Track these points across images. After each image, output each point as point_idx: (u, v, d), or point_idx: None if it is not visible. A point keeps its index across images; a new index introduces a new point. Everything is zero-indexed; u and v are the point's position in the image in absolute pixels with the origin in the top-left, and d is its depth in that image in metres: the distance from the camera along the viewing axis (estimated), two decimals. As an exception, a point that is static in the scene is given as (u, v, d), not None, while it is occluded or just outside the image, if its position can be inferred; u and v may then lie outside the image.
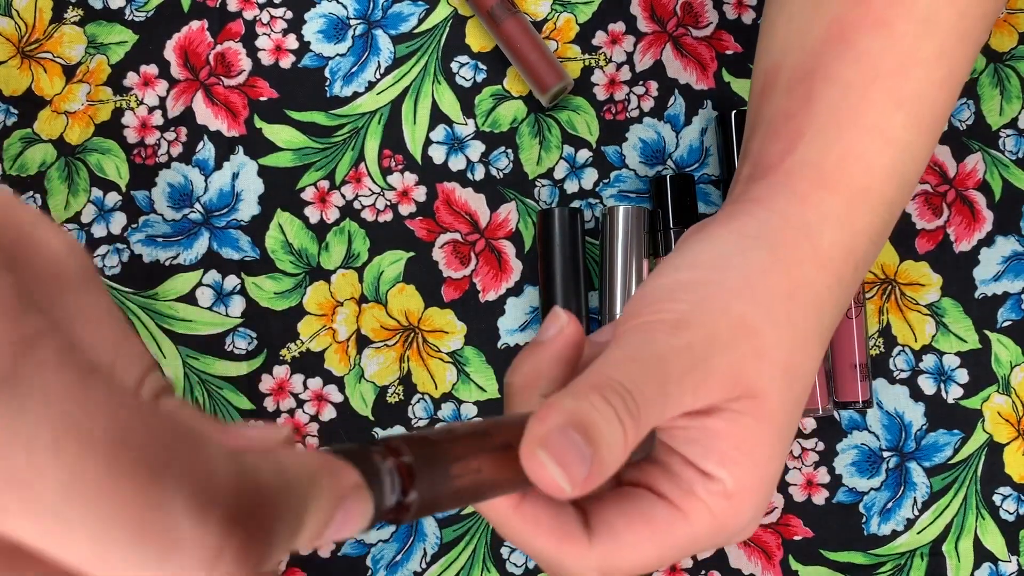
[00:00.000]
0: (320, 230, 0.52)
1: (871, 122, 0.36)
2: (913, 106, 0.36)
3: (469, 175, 0.53)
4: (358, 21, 0.53)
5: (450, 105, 0.53)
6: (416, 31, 0.53)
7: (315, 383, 0.52)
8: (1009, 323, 0.52)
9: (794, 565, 0.51)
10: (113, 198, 0.52)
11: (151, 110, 0.53)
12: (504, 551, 0.51)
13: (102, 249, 0.52)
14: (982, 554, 0.51)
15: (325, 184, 0.52)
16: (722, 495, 0.32)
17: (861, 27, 0.36)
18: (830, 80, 0.36)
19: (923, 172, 0.40)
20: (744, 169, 0.38)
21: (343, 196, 0.52)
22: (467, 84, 0.53)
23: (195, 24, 0.53)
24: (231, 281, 0.52)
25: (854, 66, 0.36)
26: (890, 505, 0.51)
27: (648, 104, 0.53)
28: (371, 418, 0.51)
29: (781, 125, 0.37)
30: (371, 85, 0.53)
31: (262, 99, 0.53)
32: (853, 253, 0.36)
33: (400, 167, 0.53)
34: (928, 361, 0.52)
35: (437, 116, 0.53)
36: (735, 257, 0.34)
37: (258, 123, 0.53)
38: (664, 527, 0.32)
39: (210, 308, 0.52)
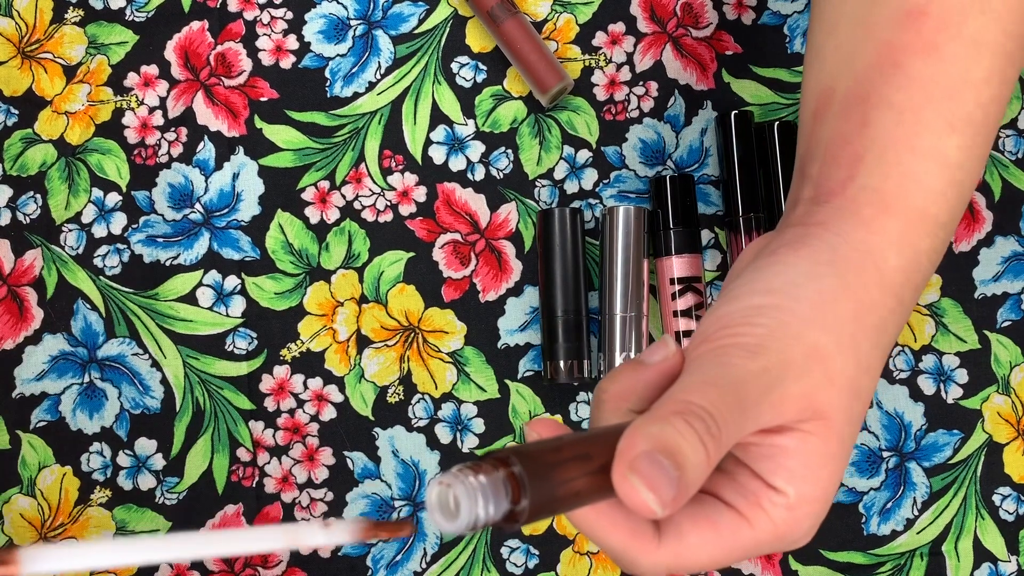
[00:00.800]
0: (320, 230, 0.52)
1: (927, 145, 0.37)
2: (965, 128, 0.37)
3: (469, 175, 0.53)
4: (358, 21, 0.53)
5: (450, 105, 0.53)
6: (416, 31, 0.53)
7: (315, 383, 0.52)
8: (1008, 323, 0.52)
9: (794, 565, 0.51)
10: (114, 198, 0.52)
11: (151, 110, 0.53)
12: (504, 551, 0.51)
13: (102, 249, 0.52)
14: (982, 554, 0.51)
15: (325, 184, 0.52)
16: (785, 507, 0.34)
17: (912, 51, 0.37)
18: (884, 105, 0.37)
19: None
20: (804, 191, 0.39)
21: (343, 196, 0.52)
22: (467, 84, 0.53)
23: (195, 24, 0.53)
24: (231, 281, 0.52)
25: (907, 90, 0.37)
26: (890, 505, 0.51)
27: (648, 104, 0.53)
28: (371, 418, 0.52)
29: (839, 149, 0.38)
30: (371, 85, 0.53)
31: (262, 99, 0.53)
32: (913, 275, 0.37)
33: (400, 167, 0.53)
34: (928, 361, 0.52)
35: (437, 116, 0.53)
36: (808, 284, 0.35)
37: (258, 123, 0.53)
38: (729, 532, 0.34)
39: (210, 308, 0.52)
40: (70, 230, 0.52)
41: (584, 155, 0.53)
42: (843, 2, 0.39)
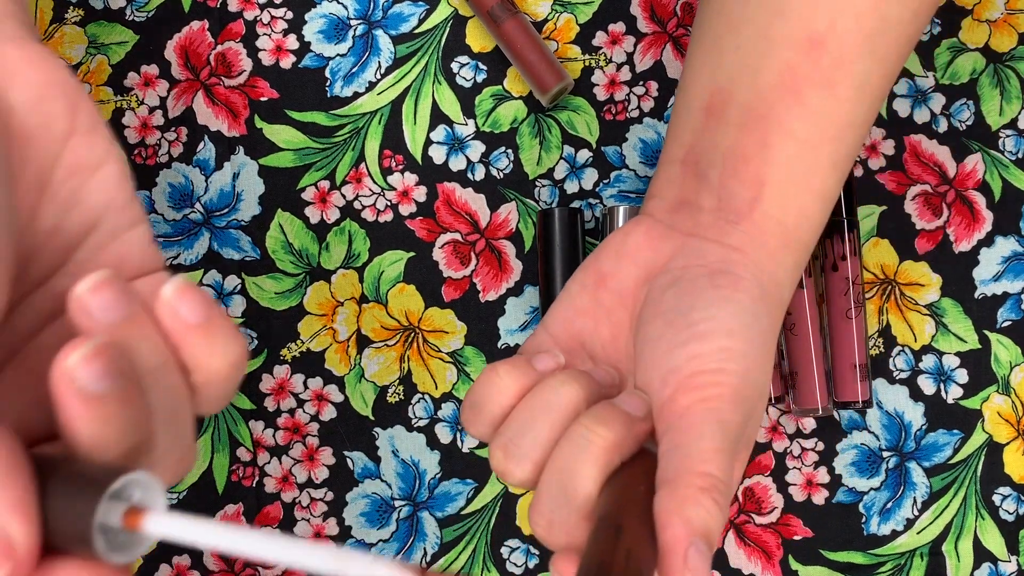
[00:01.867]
0: (320, 230, 0.52)
1: (818, 184, 0.39)
2: (844, 167, 0.40)
3: (469, 175, 0.53)
4: (358, 21, 0.53)
5: (450, 105, 0.53)
6: (416, 31, 0.53)
7: (315, 383, 0.52)
8: (1009, 323, 0.52)
9: (794, 565, 0.51)
10: (114, 198, 0.52)
11: (152, 110, 0.53)
12: (504, 551, 0.51)
13: (103, 249, 0.52)
14: (982, 554, 0.51)
15: (325, 184, 0.52)
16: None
17: (812, 83, 0.39)
18: (785, 132, 0.39)
19: None
20: (705, 198, 0.40)
21: (343, 196, 0.52)
22: (467, 84, 0.53)
23: (196, 24, 0.53)
24: (231, 281, 0.52)
25: (806, 123, 0.39)
26: (890, 505, 0.51)
27: (648, 104, 0.53)
28: (371, 418, 0.52)
29: (742, 165, 0.39)
30: (371, 85, 0.53)
31: (263, 99, 0.53)
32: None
33: (400, 167, 0.53)
34: (928, 361, 0.52)
35: (437, 116, 0.53)
36: (754, 326, 0.37)
37: (259, 123, 0.53)
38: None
39: (210, 308, 0.52)
40: (70, 230, 0.52)
41: (584, 155, 0.53)
42: (745, 5, 0.40)
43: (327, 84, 0.53)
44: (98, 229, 0.31)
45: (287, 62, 0.53)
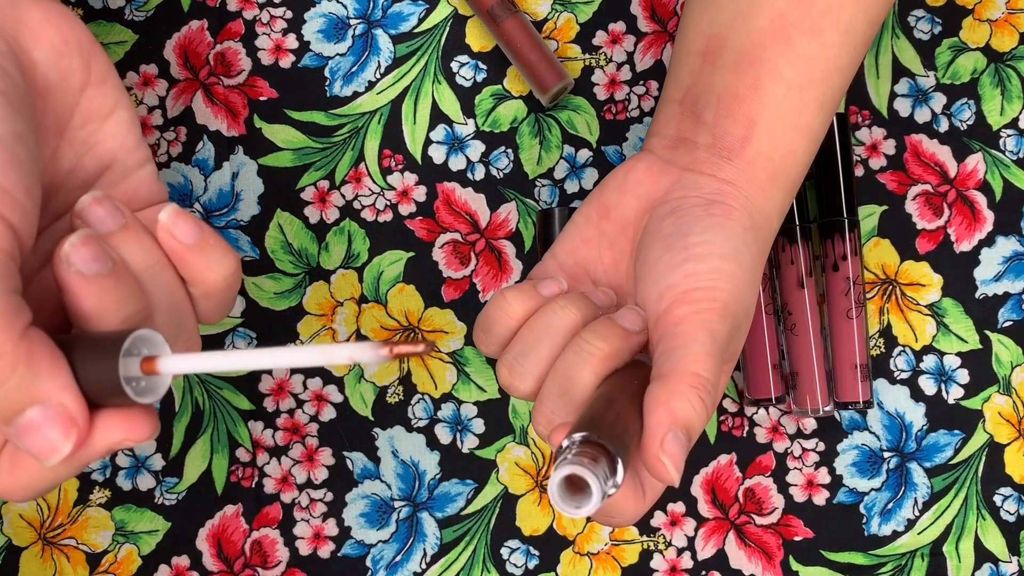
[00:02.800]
0: (320, 230, 0.52)
1: (804, 124, 0.43)
2: (829, 108, 0.43)
3: (469, 175, 0.53)
4: (358, 21, 0.53)
5: (450, 105, 0.53)
6: (416, 31, 0.53)
7: (315, 383, 0.52)
8: (1010, 323, 0.52)
9: (795, 566, 0.51)
10: (113, 198, 0.52)
11: (151, 110, 0.53)
12: (504, 552, 0.51)
13: (101, 249, 0.52)
14: (983, 555, 0.51)
15: (325, 184, 0.52)
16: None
17: (801, 29, 0.42)
18: (775, 76, 0.42)
19: None
20: (701, 135, 0.43)
21: (343, 196, 0.52)
22: (467, 84, 0.53)
23: (195, 24, 0.53)
24: (231, 281, 0.52)
25: (794, 67, 0.42)
26: (891, 505, 0.51)
27: (649, 104, 0.53)
28: (371, 418, 0.51)
29: (735, 105, 0.42)
30: (371, 85, 0.53)
31: (262, 99, 0.53)
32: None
33: (400, 167, 0.52)
34: (929, 361, 0.52)
35: (437, 116, 0.53)
36: (745, 251, 0.41)
37: (258, 123, 0.53)
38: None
39: (210, 308, 0.52)
40: (69, 230, 0.52)
41: (584, 155, 0.53)
42: None
43: (326, 84, 0.53)
44: (111, 169, 0.36)
45: (286, 61, 0.53)
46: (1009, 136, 0.53)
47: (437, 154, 0.53)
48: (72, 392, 0.30)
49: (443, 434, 0.52)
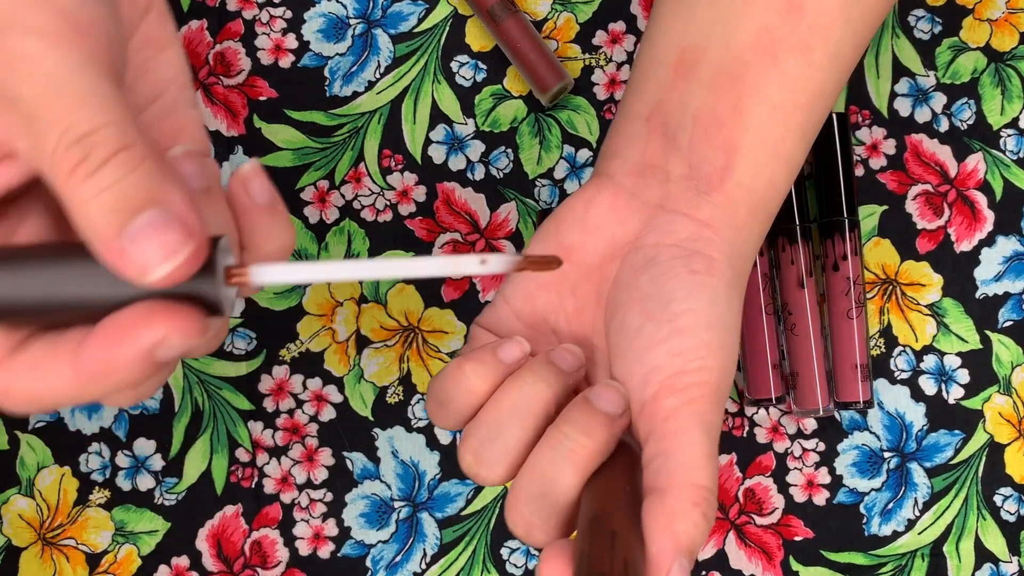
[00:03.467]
0: (319, 230, 0.52)
1: (787, 151, 0.39)
2: (811, 136, 0.40)
3: (469, 175, 0.53)
4: (358, 20, 0.53)
5: (450, 104, 0.53)
6: (416, 30, 0.53)
7: (314, 383, 0.52)
8: (1010, 323, 0.52)
9: (795, 566, 0.51)
10: (112, 198, 0.52)
11: (150, 110, 0.52)
12: (504, 552, 0.51)
13: (101, 249, 0.52)
14: (983, 555, 0.51)
15: (324, 184, 0.52)
16: None
17: (787, 47, 0.38)
18: (759, 97, 0.38)
19: None
20: (675, 164, 0.39)
21: (343, 196, 0.52)
22: (467, 84, 0.53)
23: (194, 23, 0.53)
24: (230, 281, 0.52)
25: (779, 88, 0.38)
26: (891, 506, 0.51)
27: (648, 104, 0.53)
28: (371, 418, 0.51)
29: (714, 130, 0.38)
30: (371, 85, 0.53)
31: (261, 99, 0.53)
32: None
33: (400, 167, 0.52)
34: (929, 361, 0.52)
35: (437, 116, 0.53)
36: (728, 313, 0.37)
37: (257, 123, 0.52)
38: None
39: (209, 308, 0.52)
40: (68, 230, 0.52)
41: (584, 154, 0.53)
42: None
43: (326, 83, 0.53)
44: (161, 100, 0.34)
45: (286, 61, 0.53)
46: (1009, 136, 0.53)
47: (437, 154, 0.53)
48: (195, 207, 0.27)
49: (443, 434, 0.51)
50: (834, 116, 0.51)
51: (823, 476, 0.51)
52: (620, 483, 0.34)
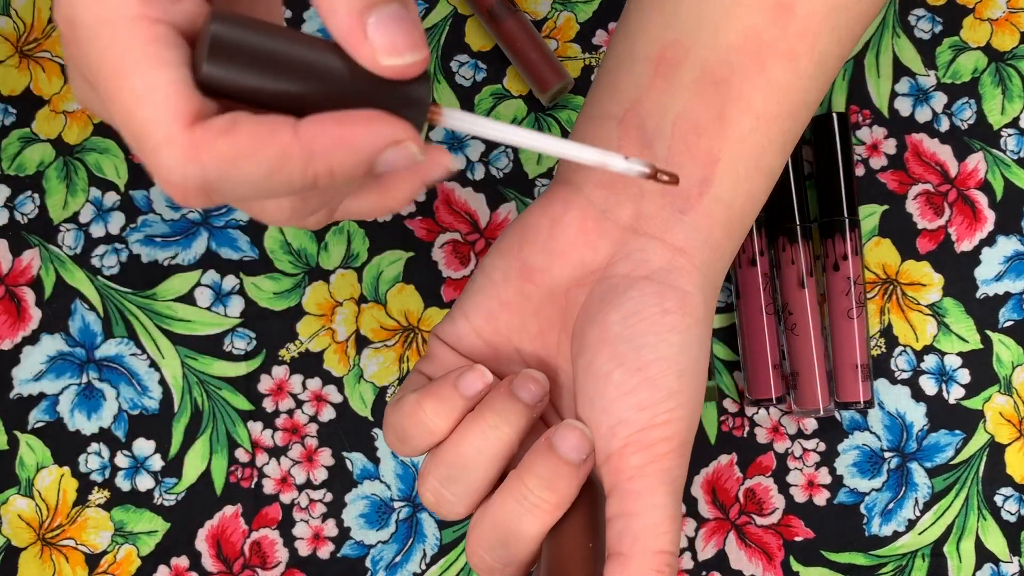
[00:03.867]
0: (319, 230, 0.52)
1: (767, 163, 0.37)
2: (790, 148, 0.38)
3: (469, 175, 0.52)
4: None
5: (450, 104, 0.53)
6: (416, 30, 0.53)
7: (314, 383, 0.51)
8: (1011, 323, 0.52)
9: (795, 566, 0.51)
10: (112, 198, 0.52)
11: (150, 109, 0.52)
12: (504, 552, 0.51)
13: (100, 249, 0.52)
14: (984, 555, 0.51)
15: (324, 184, 0.52)
16: None
17: (775, 53, 0.36)
18: (743, 104, 0.36)
19: None
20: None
21: (342, 196, 0.52)
22: (467, 83, 0.53)
23: (194, 23, 0.53)
24: (230, 281, 0.52)
25: (764, 96, 0.36)
26: (891, 506, 0.51)
27: (648, 103, 0.53)
28: (371, 419, 0.51)
29: (694, 138, 0.36)
30: (370, 84, 0.53)
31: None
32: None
33: (399, 167, 0.52)
34: (929, 361, 0.52)
35: (437, 115, 0.53)
36: (700, 354, 0.36)
37: (257, 122, 0.52)
38: None
39: (209, 308, 0.52)
40: (68, 230, 0.52)
41: (584, 154, 0.53)
42: None
43: (326, 83, 0.53)
44: None
45: (286, 61, 0.53)
46: (1010, 135, 0.53)
47: (437, 154, 0.52)
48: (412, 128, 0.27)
49: (443, 434, 0.51)
50: (834, 116, 0.50)
51: (823, 476, 0.51)
52: (581, 536, 0.35)
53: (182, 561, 0.51)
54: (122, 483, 0.51)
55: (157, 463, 0.51)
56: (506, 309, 0.38)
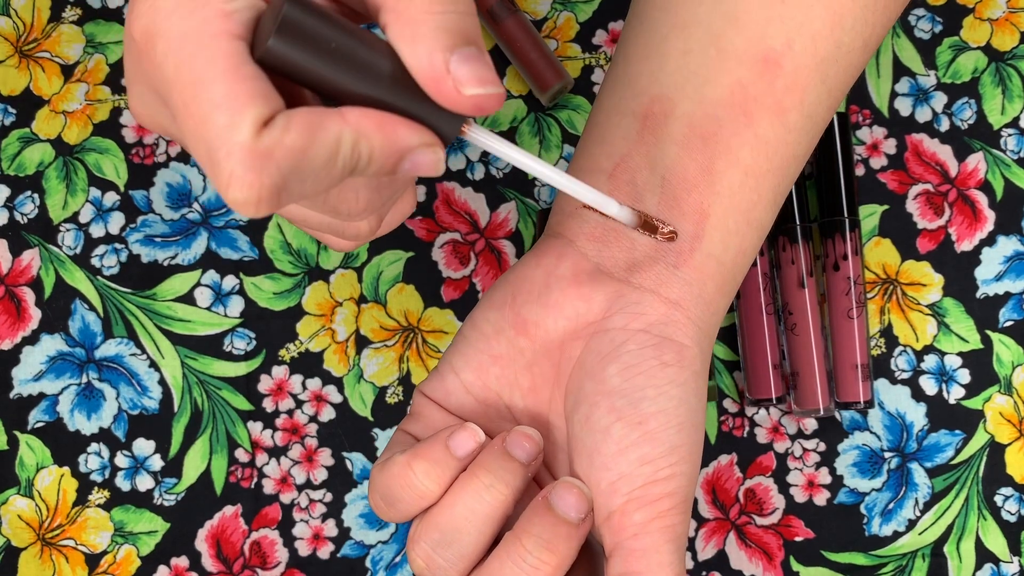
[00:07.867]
0: (319, 230, 0.52)
1: (757, 217, 0.37)
2: (780, 202, 0.38)
3: (469, 175, 0.52)
4: (357, 20, 0.53)
5: (450, 104, 0.53)
6: (415, 30, 0.53)
7: (314, 384, 0.51)
8: (1011, 323, 0.52)
9: (795, 566, 0.51)
10: (111, 198, 0.52)
11: (149, 109, 0.52)
12: (504, 552, 0.51)
13: (100, 249, 0.52)
14: (984, 555, 0.51)
15: (324, 184, 0.52)
16: None
17: (763, 107, 0.36)
18: (732, 159, 0.36)
19: None
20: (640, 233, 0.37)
21: (342, 196, 0.52)
22: (467, 83, 0.53)
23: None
24: (230, 281, 0.52)
25: (752, 150, 0.36)
26: (891, 506, 0.51)
27: (648, 103, 0.53)
28: (370, 419, 0.51)
29: (683, 193, 0.36)
30: (370, 84, 0.53)
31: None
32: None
33: (399, 167, 0.52)
34: (930, 361, 0.52)
35: (437, 115, 0.53)
36: (698, 406, 0.36)
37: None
38: None
39: (209, 308, 0.52)
40: (68, 230, 0.52)
41: (584, 154, 0.53)
42: (699, 4, 0.37)
43: (326, 83, 0.53)
44: None
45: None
46: (1010, 135, 0.53)
47: (437, 154, 0.52)
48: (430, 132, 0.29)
49: (443, 434, 0.51)
50: (835, 116, 0.50)
51: (823, 476, 0.51)
52: None
53: (182, 561, 0.51)
54: (122, 483, 0.51)
55: (157, 463, 0.51)
56: (498, 363, 0.37)
